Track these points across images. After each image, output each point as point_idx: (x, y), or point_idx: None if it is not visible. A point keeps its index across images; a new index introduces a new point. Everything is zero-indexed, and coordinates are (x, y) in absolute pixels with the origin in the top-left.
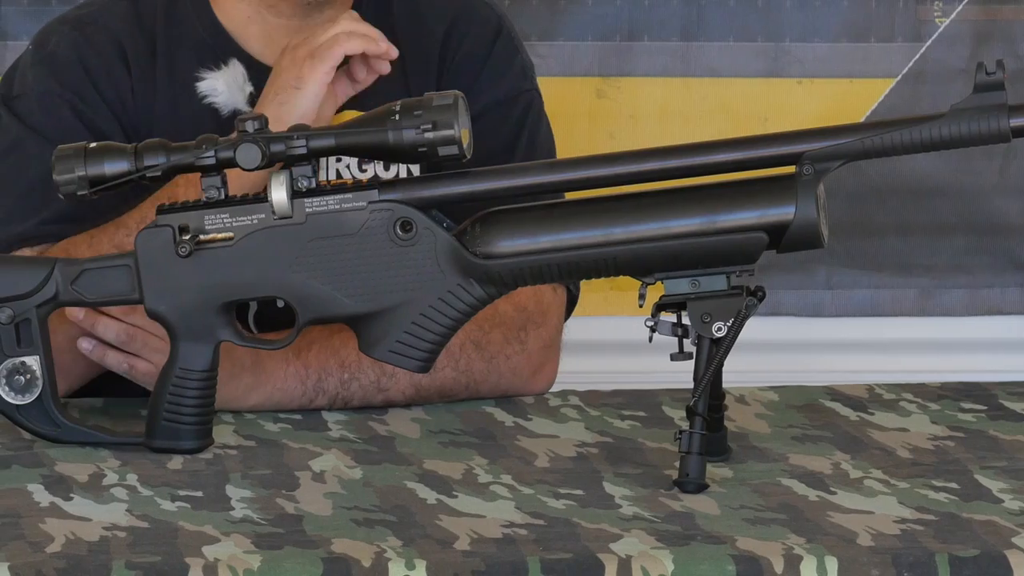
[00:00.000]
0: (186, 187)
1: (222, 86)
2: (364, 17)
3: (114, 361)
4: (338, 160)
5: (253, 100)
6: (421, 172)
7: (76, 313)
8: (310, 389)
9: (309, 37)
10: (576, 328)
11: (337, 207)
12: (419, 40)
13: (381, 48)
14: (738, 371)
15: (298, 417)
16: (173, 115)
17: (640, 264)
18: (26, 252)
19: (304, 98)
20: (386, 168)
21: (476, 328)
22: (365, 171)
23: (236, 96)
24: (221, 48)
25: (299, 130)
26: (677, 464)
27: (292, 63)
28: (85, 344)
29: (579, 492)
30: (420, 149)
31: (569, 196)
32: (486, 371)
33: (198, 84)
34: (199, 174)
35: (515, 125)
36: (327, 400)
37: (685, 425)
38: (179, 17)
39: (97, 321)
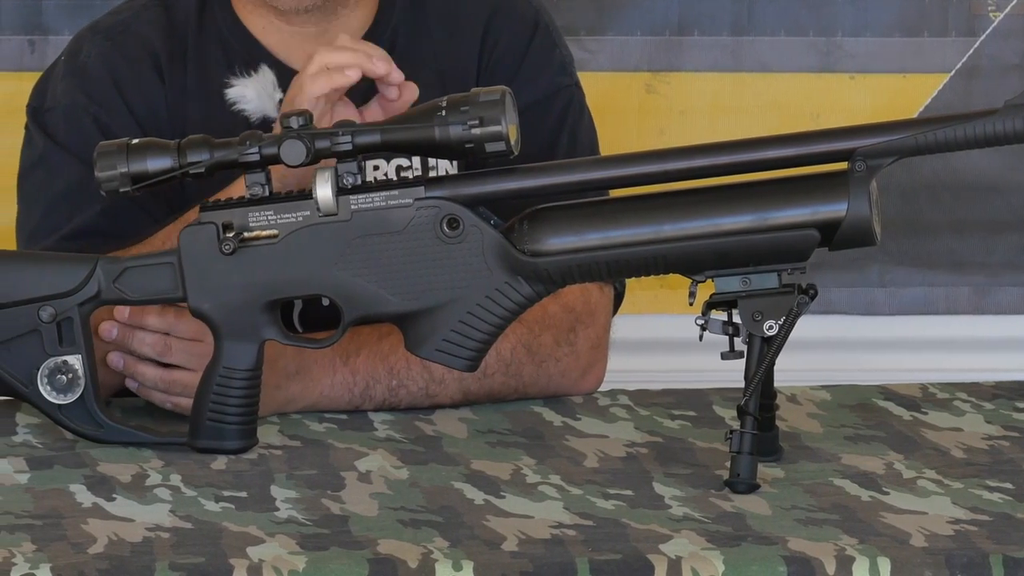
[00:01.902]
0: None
1: (251, 93)
2: (396, 15)
3: (158, 400)
4: (375, 168)
5: None
6: (460, 169)
7: (109, 330)
8: (357, 396)
9: (304, 69)
10: (626, 327)
11: (383, 204)
12: (455, 38)
13: (349, 78)
14: (790, 370)
15: (344, 417)
16: (206, 122)
17: (690, 262)
18: None
19: None
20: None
21: (526, 331)
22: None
23: (266, 103)
24: (251, 54)
25: (344, 126)
26: (728, 464)
27: (287, 96)
28: (115, 358)
29: (628, 492)
30: (467, 145)
31: (617, 193)
32: (536, 374)
33: (227, 91)
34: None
35: (555, 122)
36: (374, 406)
37: (736, 425)
38: (209, 24)
39: (133, 336)
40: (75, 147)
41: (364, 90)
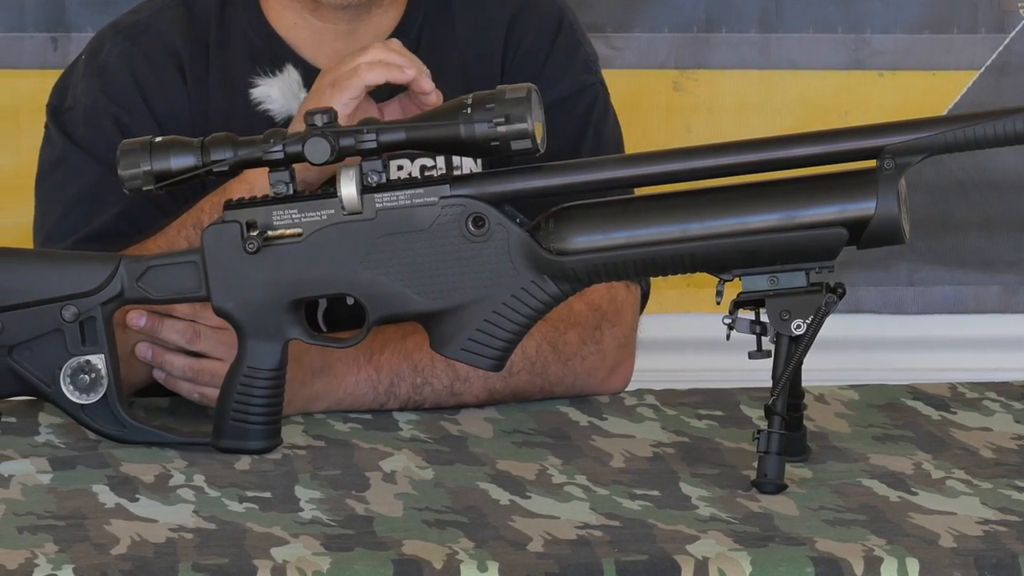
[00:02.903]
0: (211, 212)
1: (276, 93)
2: (421, 15)
3: (185, 391)
4: (399, 168)
5: None
6: (484, 168)
7: (137, 320)
8: (381, 394)
9: (337, 64)
10: (653, 326)
11: (408, 202)
12: (480, 37)
13: (407, 75)
14: (818, 369)
15: (368, 417)
16: (227, 121)
17: (717, 260)
18: None
19: None
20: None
21: (551, 329)
22: None
23: (291, 103)
24: (275, 53)
25: (369, 124)
26: (755, 464)
27: (317, 91)
28: (143, 349)
29: (655, 493)
30: (492, 143)
31: (644, 191)
32: (562, 373)
33: (251, 90)
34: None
35: (580, 121)
36: (399, 404)
37: (763, 424)
38: (231, 22)
39: (162, 324)
40: (94, 148)
41: (383, 88)
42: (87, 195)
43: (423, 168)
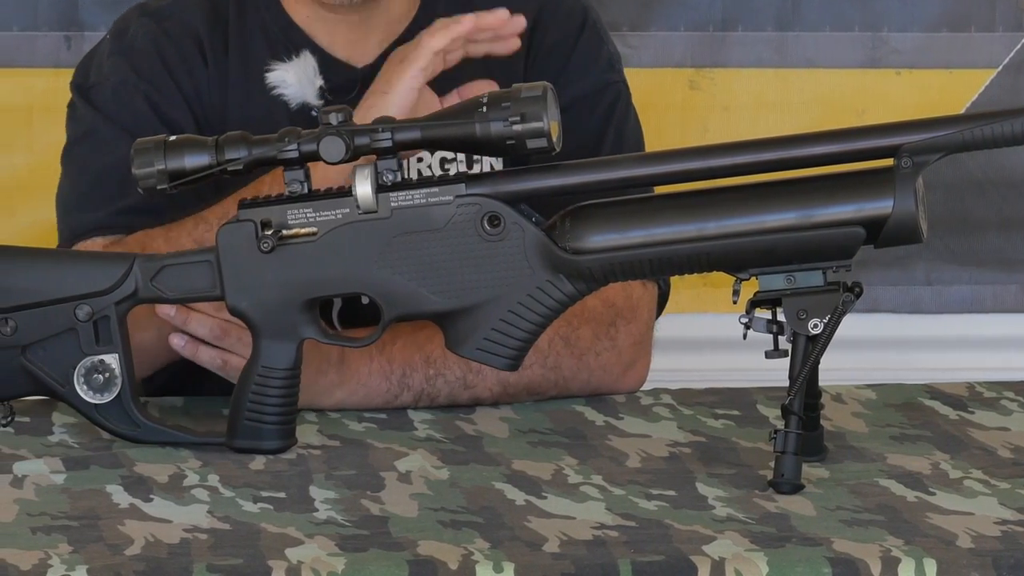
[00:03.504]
0: (271, 184)
1: (292, 78)
2: (441, 7)
3: (207, 357)
4: (419, 160)
5: (324, 94)
6: (505, 166)
7: (167, 310)
8: (395, 385)
9: (407, 43)
10: (669, 325)
11: (423, 201)
12: None
13: (465, 26)
14: (835, 369)
15: (383, 416)
16: (246, 108)
17: (734, 259)
18: (97, 241)
19: (391, 102)
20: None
21: (565, 324)
22: (447, 171)
23: (306, 89)
24: (292, 40)
25: (384, 122)
26: (772, 464)
27: (385, 69)
28: (177, 340)
29: (671, 493)
30: (508, 142)
31: (660, 190)
32: (575, 368)
33: (267, 75)
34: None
35: (602, 119)
36: (412, 397)
37: (780, 424)
38: (251, 10)
39: (189, 317)
40: (126, 122)
41: (442, 82)
42: (120, 166)
43: (443, 160)
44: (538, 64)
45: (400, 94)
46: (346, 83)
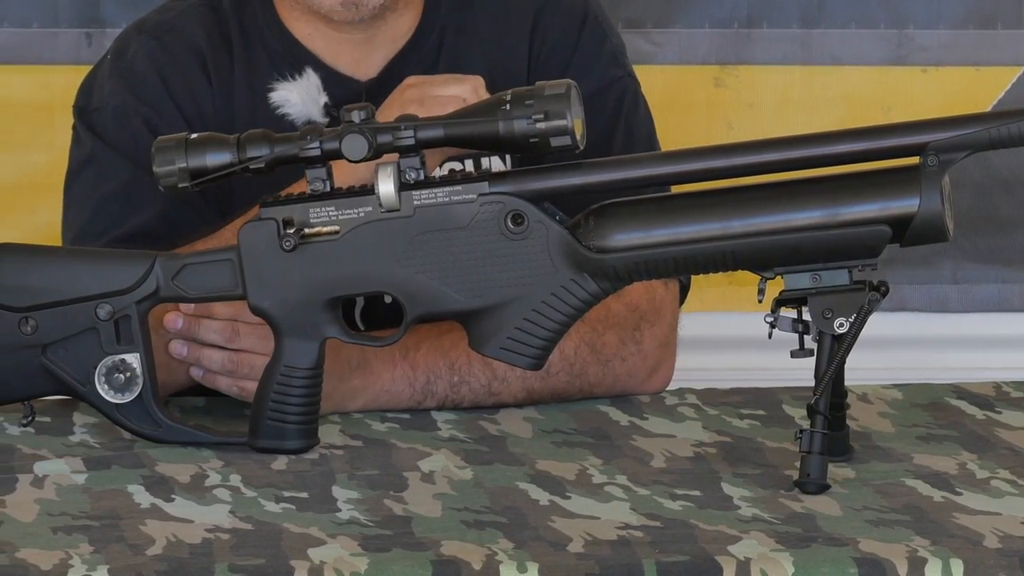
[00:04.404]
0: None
1: (295, 97)
2: (443, 11)
3: (224, 386)
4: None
5: (329, 111)
6: (516, 165)
7: (175, 322)
8: (418, 392)
9: (427, 81)
10: (694, 324)
11: (446, 200)
12: (504, 35)
13: None
14: (861, 368)
15: (407, 416)
16: (251, 125)
17: (759, 258)
18: None
19: None
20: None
21: (590, 330)
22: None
23: (310, 107)
24: (295, 57)
25: (406, 120)
26: (798, 464)
27: (400, 105)
28: (196, 371)
29: (696, 493)
30: (531, 140)
31: (684, 188)
32: (601, 374)
33: (271, 95)
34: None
35: (610, 115)
36: (436, 403)
37: (806, 424)
38: (251, 25)
39: (201, 354)
40: (125, 148)
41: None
42: (120, 194)
43: (452, 171)
44: (541, 65)
45: None
46: (350, 97)
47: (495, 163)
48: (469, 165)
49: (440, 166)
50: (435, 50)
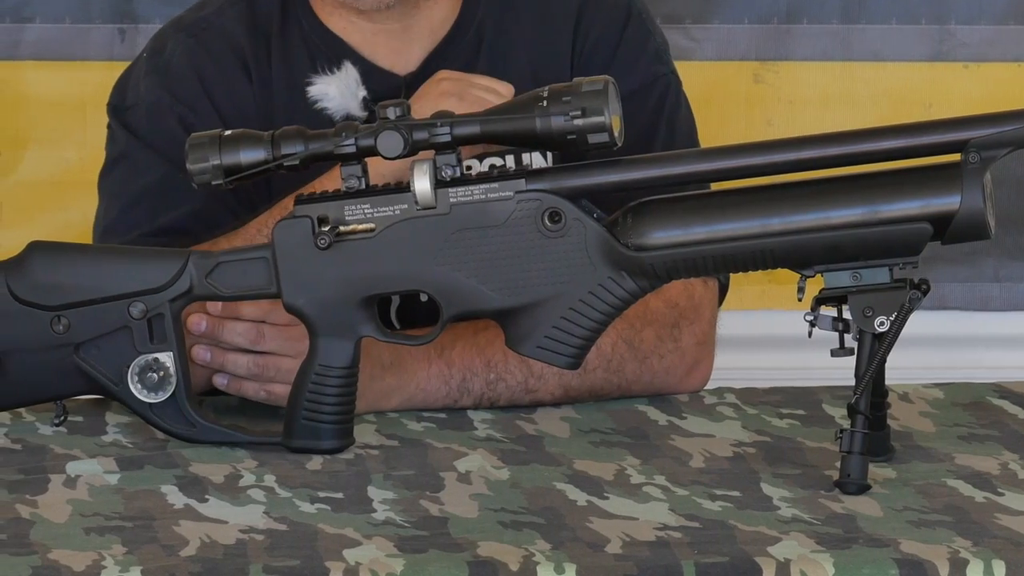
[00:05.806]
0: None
1: (334, 91)
2: (483, 7)
3: (251, 391)
4: (467, 168)
5: (368, 104)
6: (556, 160)
7: (198, 324)
8: (454, 390)
9: (465, 75)
10: (733, 323)
11: (483, 197)
12: (547, 29)
13: None
14: (902, 367)
15: (443, 416)
16: (291, 120)
17: (798, 256)
18: None
19: None
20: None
21: (628, 327)
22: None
23: (349, 101)
24: (334, 50)
25: (443, 117)
26: (838, 464)
27: (436, 96)
28: (220, 380)
29: (736, 493)
30: (569, 136)
31: (723, 186)
32: (639, 371)
33: (308, 88)
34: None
35: (652, 113)
36: (472, 401)
37: (846, 424)
38: (292, 21)
39: (225, 359)
40: (159, 145)
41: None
42: (153, 191)
43: (491, 167)
44: (584, 60)
45: None
46: (390, 91)
47: (536, 158)
48: (510, 160)
49: (480, 161)
50: (475, 46)
